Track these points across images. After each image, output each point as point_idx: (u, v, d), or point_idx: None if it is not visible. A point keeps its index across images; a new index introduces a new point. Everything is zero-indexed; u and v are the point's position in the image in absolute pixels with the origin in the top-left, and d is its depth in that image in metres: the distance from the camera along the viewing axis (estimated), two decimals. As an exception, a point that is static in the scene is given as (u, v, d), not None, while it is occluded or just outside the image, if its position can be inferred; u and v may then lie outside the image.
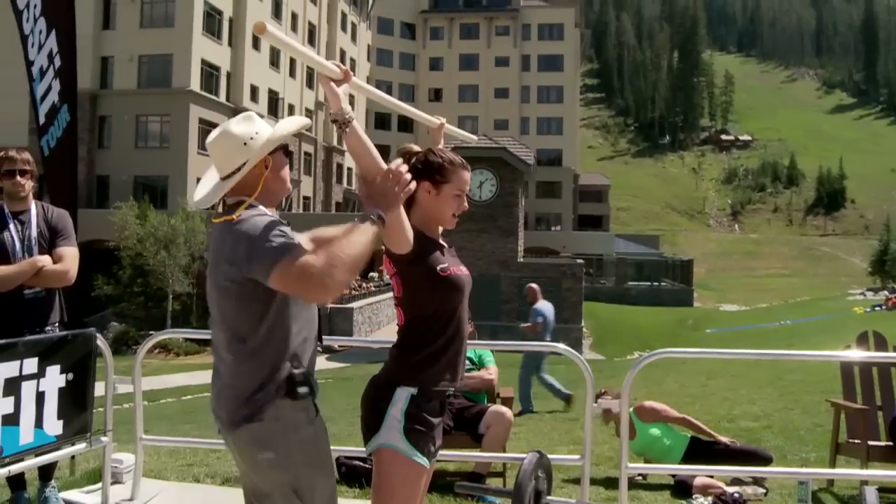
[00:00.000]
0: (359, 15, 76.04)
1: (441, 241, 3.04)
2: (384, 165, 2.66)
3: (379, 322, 42.62)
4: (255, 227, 2.52)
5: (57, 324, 4.64)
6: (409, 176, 2.56)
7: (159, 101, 47.55)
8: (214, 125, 49.41)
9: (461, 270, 2.98)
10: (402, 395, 2.82)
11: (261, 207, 2.66)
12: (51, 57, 5.86)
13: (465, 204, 3.07)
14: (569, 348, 4.69)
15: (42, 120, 5.91)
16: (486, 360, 6.27)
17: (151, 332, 34.35)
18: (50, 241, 4.59)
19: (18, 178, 4.53)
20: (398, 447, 2.77)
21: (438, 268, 2.88)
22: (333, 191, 67.67)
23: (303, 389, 2.64)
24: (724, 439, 6.13)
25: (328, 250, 2.43)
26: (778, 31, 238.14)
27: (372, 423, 2.84)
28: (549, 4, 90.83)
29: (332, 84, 2.63)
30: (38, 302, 4.52)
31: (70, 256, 4.59)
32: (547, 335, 13.33)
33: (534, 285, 14.48)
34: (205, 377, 26.21)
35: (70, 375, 4.53)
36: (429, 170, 3.00)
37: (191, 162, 47.31)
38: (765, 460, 5.87)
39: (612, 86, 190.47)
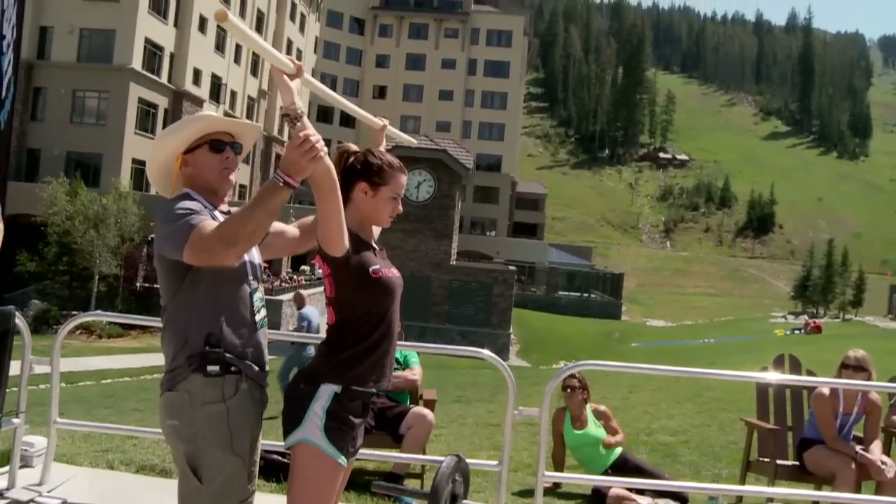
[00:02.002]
0: (308, 6, 75.42)
1: (373, 243, 3.05)
2: (329, 162, 2.67)
3: (308, 316, 42.33)
4: (165, 212, 2.70)
5: None
6: (321, 145, 2.57)
7: (98, 77, 46.43)
8: (154, 106, 48.94)
9: (393, 272, 2.99)
10: (326, 392, 2.81)
11: (189, 194, 2.83)
12: (12, 29, 5.72)
13: (400, 207, 3.09)
14: (492, 354, 4.72)
15: (3, 94, 5.75)
16: (412, 360, 6.28)
17: (74, 313, 33.50)
18: None
19: None
20: (317, 443, 2.76)
21: (371, 269, 2.88)
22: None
23: (212, 368, 2.71)
24: (671, 484, 5.93)
25: (228, 218, 2.61)
26: (721, 55, 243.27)
27: (293, 417, 2.83)
28: (500, 11, 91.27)
29: (285, 78, 2.63)
30: None
31: None
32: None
33: (302, 292, 14.97)
34: (127, 361, 25.70)
35: (-16, 353, 4.40)
36: (367, 171, 3.00)
37: (127, 141, 46.35)
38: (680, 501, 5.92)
39: (556, 96, 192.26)
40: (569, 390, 6.23)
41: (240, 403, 2.77)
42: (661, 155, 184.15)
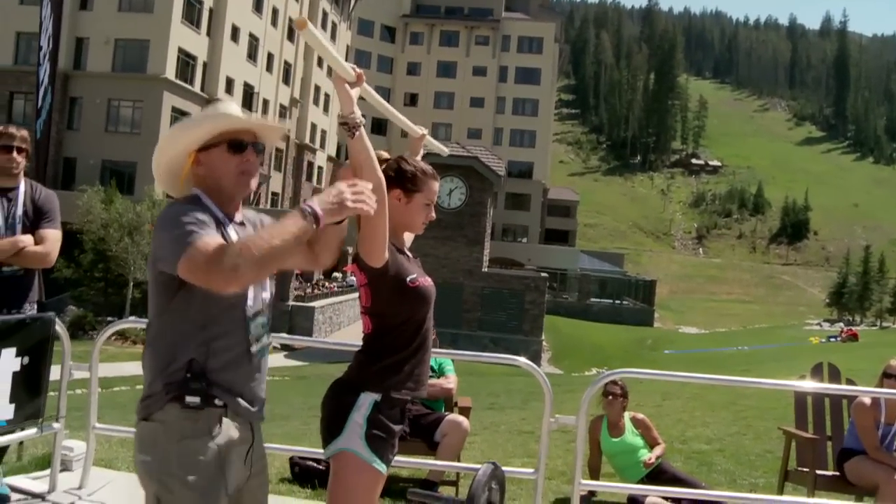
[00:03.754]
0: (339, 14, 75.87)
1: (407, 251, 3.05)
2: (381, 175, 2.69)
3: (339, 323, 42.52)
4: (166, 217, 2.39)
5: (35, 303, 4.62)
6: (371, 202, 2.33)
7: (133, 87, 47.06)
8: (187, 114, 49.25)
9: (428, 281, 2.99)
10: (366, 401, 2.82)
11: (199, 198, 2.51)
12: (48, 41, 5.84)
13: (433, 214, 3.09)
14: (529, 362, 4.71)
15: (39, 103, 5.87)
16: (447, 368, 6.27)
17: (110, 319, 33.85)
18: (34, 220, 4.57)
19: (14, 154, 4.51)
20: (358, 452, 2.77)
21: (408, 279, 2.89)
22: (303, 188, 67.38)
23: (192, 399, 2.39)
24: (708, 493, 5.81)
25: (243, 240, 2.24)
26: (753, 60, 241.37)
27: (333, 426, 2.84)
28: (531, 18, 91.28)
29: (346, 86, 2.63)
30: (15, 280, 4.50)
31: (52, 239, 4.58)
32: None
33: None
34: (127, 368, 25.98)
35: (26, 359, 4.45)
36: (401, 178, 3.01)
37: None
38: None
39: (588, 103, 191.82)
40: (610, 397, 6.17)
41: (222, 442, 2.44)
42: (694, 161, 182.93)
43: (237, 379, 2.49)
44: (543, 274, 42.31)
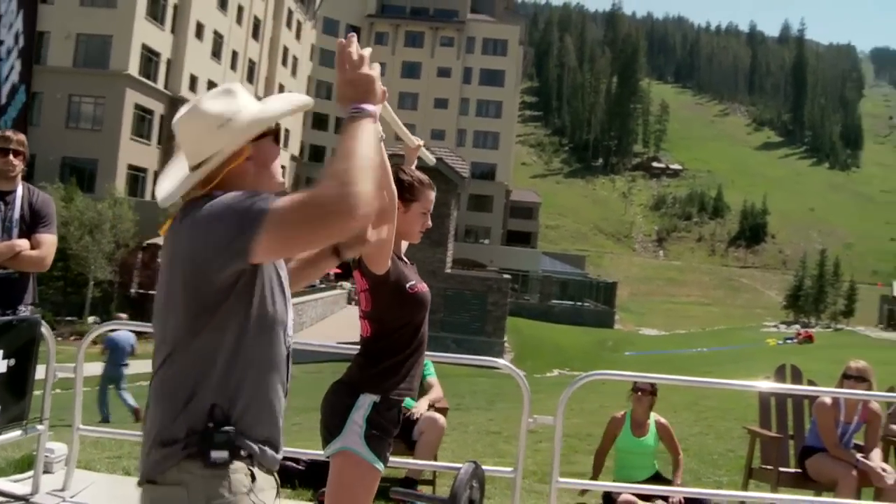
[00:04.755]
0: (305, 13, 75.63)
1: (405, 258, 3.17)
2: (394, 188, 2.88)
3: (303, 323, 42.33)
4: (222, 202, 1.94)
5: (30, 305, 4.66)
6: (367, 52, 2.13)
7: (94, 83, 46.54)
8: (150, 112, 48.90)
9: (424, 287, 3.12)
10: (365, 402, 2.92)
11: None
12: (17, 37, 5.84)
13: (429, 222, 3.21)
14: (509, 364, 4.87)
15: (3, 100, 5.87)
16: (427, 372, 6.35)
17: (69, 318, 33.34)
18: (31, 224, 4.63)
19: (11, 157, 4.56)
20: (358, 451, 2.88)
21: (408, 286, 3.01)
22: (266, 187, 67.14)
23: (218, 454, 1.89)
24: (677, 490, 5.93)
25: (328, 171, 1.87)
26: (714, 65, 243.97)
27: (333, 426, 2.94)
28: (495, 20, 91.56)
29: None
30: (10, 283, 4.54)
31: (49, 243, 4.66)
32: (124, 359, 14.70)
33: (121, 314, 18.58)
34: (138, 366, 25.70)
35: (12, 361, 4.49)
36: (399, 188, 3.10)
37: (122, 147, 46.43)
38: None
39: (550, 105, 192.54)
40: (639, 393, 6.24)
41: (257, 500, 1.96)
42: (655, 164, 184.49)
43: (266, 426, 2.04)
44: (506, 275, 42.50)
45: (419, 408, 5.93)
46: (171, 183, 2.15)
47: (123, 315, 21.12)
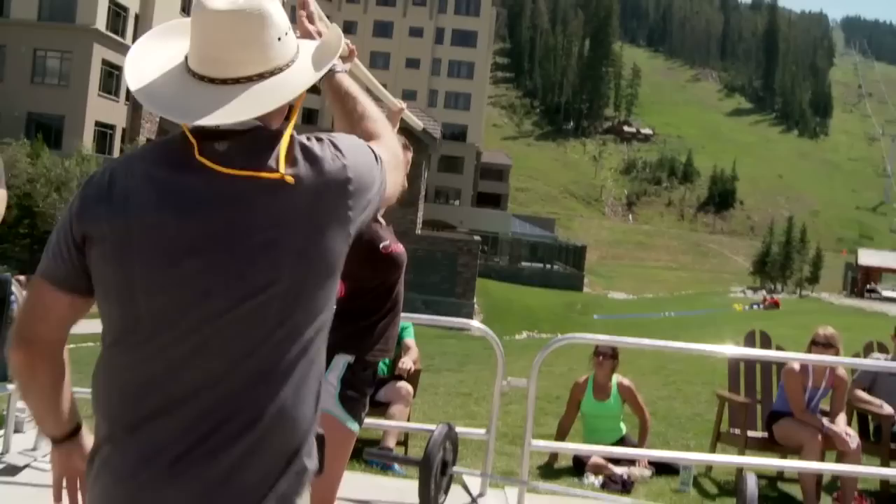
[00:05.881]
0: (276, -31, 74.45)
1: (381, 218, 3.13)
2: None
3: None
4: (355, 142, 1.69)
5: None
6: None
7: (61, 37, 45.46)
8: (118, 68, 48.05)
9: (399, 247, 3.09)
10: (339, 363, 2.90)
11: None
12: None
13: (406, 183, 3.17)
14: (483, 326, 4.87)
15: None
16: (406, 333, 6.30)
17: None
18: None
19: None
20: (333, 412, 2.85)
21: (381, 245, 2.98)
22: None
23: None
24: (647, 453, 6.05)
25: (360, 128, 1.81)
26: (687, 30, 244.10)
27: None
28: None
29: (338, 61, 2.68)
30: None
31: None
32: None
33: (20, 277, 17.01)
34: (88, 326, 25.48)
35: (-20, 319, 4.43)
36: None
37: (90, 104, 45.59)
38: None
39: (522, 67, 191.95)
40: (600, 357, 6.31)
41: None
42: (626, 128, 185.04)
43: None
44: (476, 237, 42.59)
45: (404, 365, 5.93)
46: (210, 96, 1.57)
47: None
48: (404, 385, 5.81)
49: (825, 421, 5.67)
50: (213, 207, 1.52)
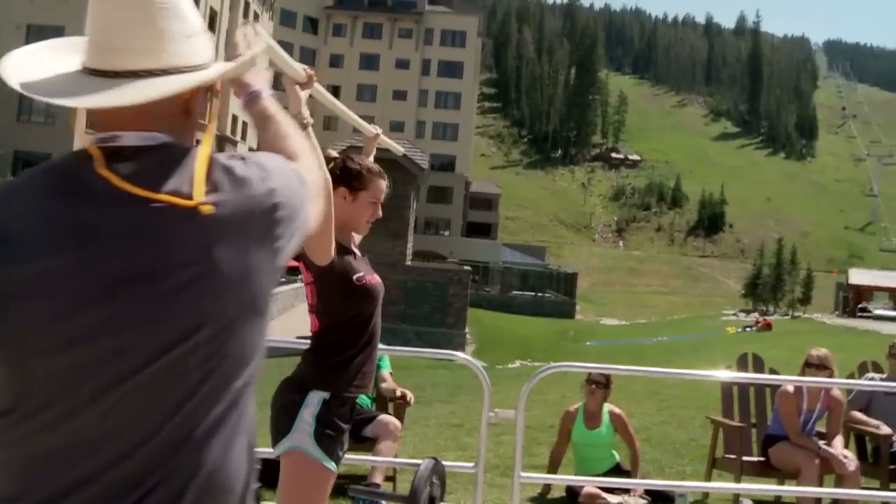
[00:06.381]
0: (262, 5, 74.81)
1: (354, 249, 3.06)
2: (327, 174, 2.68)
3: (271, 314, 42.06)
4: (272, 160, 1.49)
5: None
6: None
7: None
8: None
9: (375, 279, 3.02)
10: (314, 399, 2.83)
11: None
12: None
13: (380, 212, 3.11)
14: (468, 357, 4.78)
15: None
16: (382, 365, 6.22)
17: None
18: None
19: None
20: (308, 450, 2.78)
21: (354, 277, 2.91)
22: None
23: None
24: (641, 482, 5.95)
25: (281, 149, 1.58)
26: (672, 57, 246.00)
27: (283, 425, 2.84)
28: (454, 11, 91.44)
29: (297, 87, 2.59)
30: None
31: None
32: None
33: None
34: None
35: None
36: (347, 176, 3.04)
37: (77, 141, 45.51)
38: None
39: (509, 96, 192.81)
40: (592, 386, 6.20)
41: None
42: (614, 155, 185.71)
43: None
44: (466, 267, 42.54)
45: (399, 394, 5.94)
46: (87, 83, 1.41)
47: None
48: (392, 420, 5.69)
49: (822, 443, 5.57)
50: (118, 242, 1.28)
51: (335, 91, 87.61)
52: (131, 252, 1.27)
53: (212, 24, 61.99)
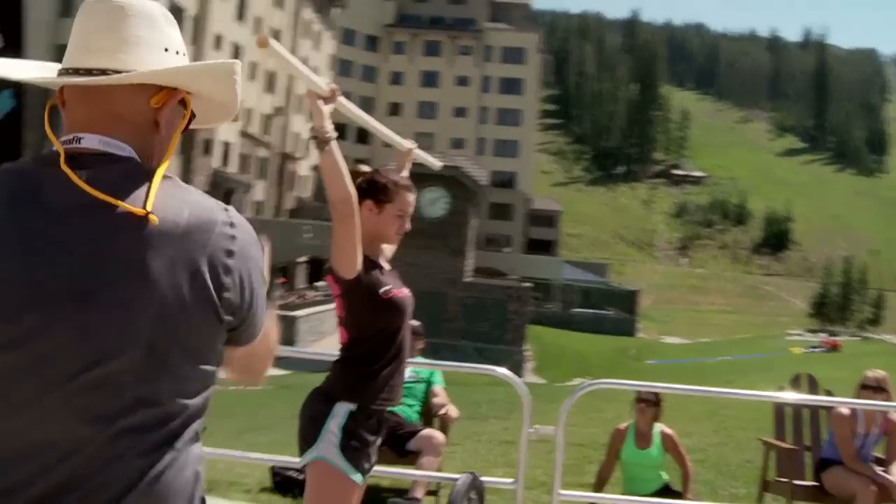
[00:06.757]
0: (324, 24, 75.92)
1: (382, 262, 3.09)
2: (352, 188, 2.73)
3: (323, 332, 42.38)
4: (253, 238, 1.46)
5: None
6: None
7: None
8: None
9: (403, 292, 3.04)
10: (341, 411, 2.86)
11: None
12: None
13: (408, 225, 3.13)
14: (507, 372, 4.75)
15: None
16: (435, 380, 6.23)
17: None
18: None
19: None
20: (333, 461, 2.81)
21: (381, 290, 2.94)
22: (285, 197, 67.29)
23: None
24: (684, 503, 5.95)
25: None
26: (735, 72, 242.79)
27: (309, 435, 2.89)
28: (513, 28, 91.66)
29: (320, 101, 2.65)
30: None
31: None
32: None
33: None
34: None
35: None
36: (373, 189, 3.07)
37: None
38: None
39: (570, 113, 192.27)
40: (642, 404, 6.11)
41: None
42: (676, 171, 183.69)
43: None
44: (526, 284, 42.40)
45: (449, 413, 5.88)
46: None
47: None
48: (436, 434, 5.67)
49: (879, 469, 5.40)
50: (65, 249, 1.27)
51: (395, 108, 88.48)
52: (74, 261, 1.27)
53: (275, 44, 62.90)
